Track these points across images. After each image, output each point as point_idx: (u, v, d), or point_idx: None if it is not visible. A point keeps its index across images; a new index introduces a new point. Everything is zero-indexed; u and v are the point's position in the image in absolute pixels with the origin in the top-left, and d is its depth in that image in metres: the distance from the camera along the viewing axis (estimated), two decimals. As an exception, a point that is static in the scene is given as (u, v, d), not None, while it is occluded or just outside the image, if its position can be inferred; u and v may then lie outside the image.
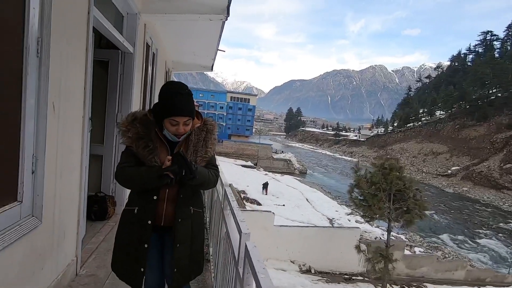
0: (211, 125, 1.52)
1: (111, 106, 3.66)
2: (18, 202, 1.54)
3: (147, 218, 1.42)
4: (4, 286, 1.46)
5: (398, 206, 10.28)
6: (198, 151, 1.46)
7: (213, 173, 1.53)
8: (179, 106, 1.35)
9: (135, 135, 1.39)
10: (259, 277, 0.85)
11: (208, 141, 1.48)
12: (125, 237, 1.48)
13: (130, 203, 1.50)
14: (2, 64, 1.37)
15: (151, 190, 1.42)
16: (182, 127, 1.38)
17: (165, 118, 1.37)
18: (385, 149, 70.07)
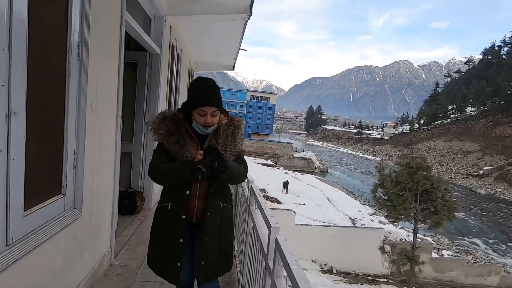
0: (238, 121, 1.56)
1: (140, 106, 3.83)
2: (62, 195, 1.67)
3: (181, 213, 1.45)
4: (52, 273, 1.59)
5: (425, 206, 9.89)
6: (227, 145, 1.49)
7: (243, 167, 1.55)
8: (207, 96, 1.40)
9: (166, 132, 1.44)
10: (292, 268, 0.87)
11: (236, 136, 1.52)
12: (160, 233, 1.51)
13: (163, 199, 1.54)
14: (51, 68, 1.49)
15: (183, 185, 1.45)
16: (210, 118, 1.41)
17: (194, 110, 1.42)
18: (411, 147, 67.38)
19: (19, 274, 1.31)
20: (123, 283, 2.26)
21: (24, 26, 1.22)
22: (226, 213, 1.58)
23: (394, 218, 10.53)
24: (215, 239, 1.51)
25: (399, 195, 10.00)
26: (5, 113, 1.15)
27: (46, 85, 1.46)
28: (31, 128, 1.31)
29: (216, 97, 1.43)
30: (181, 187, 1.46)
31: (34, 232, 1.40)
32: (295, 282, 0.82)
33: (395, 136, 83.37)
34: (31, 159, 1.33)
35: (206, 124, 1.42)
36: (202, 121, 1.42)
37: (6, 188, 1.18)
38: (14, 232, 1.25)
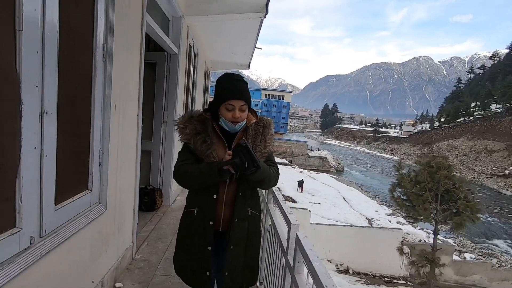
0: (268, 121, 1.48)
1: (158, 105, 3.92)
2: (89, 191, 1.75)
3: (208, 218, 1.37)
4: (80, 265, 1.67)
5: (446, 207, 9.56)
6: (257, 146, 1.40)
7: (274, 170, 1.45)
8: (235, 89, 1.34)
9: (192, 131, 1.37)
10: (313, 264, 0.88)
11: (266, 136, 1.44)
12: (188, 240, 1.43)
13: (189, 204, 1.46)
14: (79, 69, 1.57)
15: (210, 189, 1.37)
16: (238, 112, 1.33)
17: (222, 105, 1.35)
18: (431, 146, 65.21)
19: (52, 265, 1.38)
20: (144, 276, 2.33)
21: (55, 30, 1.29)
22: (254, 221, 1.48)
23: (413, 219, 10.25)
24: (241, 249, 1.41)
25: (418, 195, 9.72)
26: (39, 112, 1.22)
27: (74, 86, 1.53)
28: (61, 127, 1.38)
29: (244, 91, 1.36)
30: (208, 190, 1.37)
31: (64, 225, 1.48)
32: (317, 279, 0.83)
33: (414, 135, 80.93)
34: (61, 156, 1.40)
35: (234, 120, 1.34)
36: (230, 116, 1.34)
37: (40, 183, 1.25)
38: (47, 225, 1.32)
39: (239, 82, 1.36)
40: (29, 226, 1.20)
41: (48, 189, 1.31)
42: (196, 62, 5.40)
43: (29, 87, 1.14)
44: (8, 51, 1.06)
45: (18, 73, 1.09)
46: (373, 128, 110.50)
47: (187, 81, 4.70)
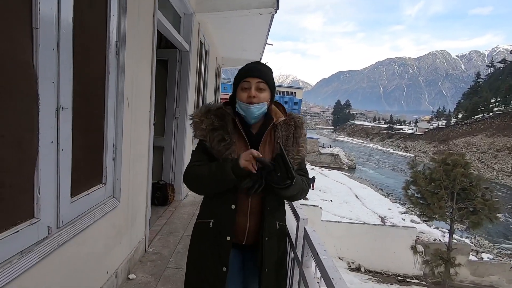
0: (299, 119, 1.27)
1: (170, 102, 3.98)
2: (103, 184, 1.80)
3: (225, 233, 1.15)
4: (95, 256, 1.73)
5: (463, 206, 9.30)
6: (289, 151, 1.18)
7: (306, 182, 1.23)
8: (251, 68, 1.18)
9: (209, 127, 1.17)
10: (321, 258, 0.88)
11: (298, 138, 1.22)
12: (199, 257, 1.21)
13: (203, 214, 1.25)
14: (92, 66, 1.61)
15: (227, 197, 1.16)
16: (254, 91, 1.13)
17: (238, 87, 1.18)
18: (447, 143, 63.36)
19: (68, 254, 1.44)
20: (156, 269, 2.39)
21: (70, 28, 1.32)
22: (283, 234, 1.29)
23: (428, 217, 10.03)
24: (274, 271, 1.21)
25: (433, 193, 9.49)
26: (55, 107, 1.26)
27: (88, 82, 1.57)
28: (76, 122, 1.42)
29: (263, 70, 1.18)
30: (225, 199, 1.16)
31: (80, 217, 1.53)
32: (324, 272, 0.83)
33: (430, 131, 78.83)
34: (77, 151, 1.45)
35: (249, 101, 1.13)
36: (246, 97, 1.14)
37: (57, 176, 1.30)
38: (63, 216, 1.37)
39: (257, 64, 1.21)
40: (47, 217, 1.26)
41: (64, 182, 1.36)
42: (207, 59, 5.43)
43: (45, 83, 1.18)
44: (26, 48, 1.10)
45: (35, 70, 1.13)
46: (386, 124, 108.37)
47: (198, 77, 4.74)
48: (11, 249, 1.08)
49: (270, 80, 1.19)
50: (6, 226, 1.07)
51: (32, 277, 1.18)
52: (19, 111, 1.08)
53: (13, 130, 1.06)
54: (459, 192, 9.37)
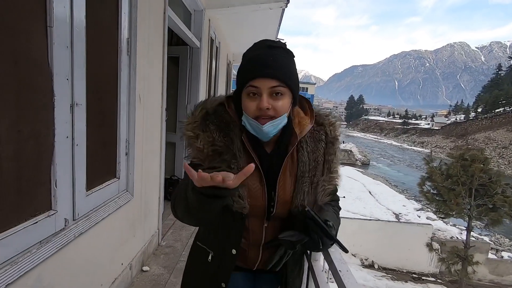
0: (333, 127, 0.88)
1: (182, 98, 4.03)
2: (117, 179, 1.85)
3: (222, 279, 0.88)
4: (110, 247, 1.79)
5: (482, 202, 9.00)
6: (318, 182, 0.85)
7: (337, 211, 0.94)
8: (262, 60, 0.75)
9: (209, 148, 0.80)
10: (329, 251, 0.88)
11: (332, 157, 0.86)
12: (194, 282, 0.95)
13: (202, 236, 0.95)
14: (105, 63, 1.65)
15: (231, 238, 0.86)
16: (266, 100, 0.74)
17: (243, 91, 0.78)
18: (465, 138, 61.32)
19: (85, 245, 1.49)
20: (169, 261, 2.45)
21: (83, 26, 1.36)
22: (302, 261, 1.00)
23: (444, 214, 9.77)
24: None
25: (450, 189, 9.23)
26: (70, 104, 1.30)
27: (101, 79, 1.61)
28: (90, 118, 1.46)
29: (278, 61, 0.76)
30: (227, 237, 0.86)
31: (95, 210, 1.58)
32: (332, 264, 0.83)
33: (447, 126, 76.46)
34: (91, 146, 1.50)
35: (260, 114, 0.75)
36: (255, 109, 0.76)
37: (73, 170, 1.35)
38: (79, 209, 1.42)
39: (270, 49, 0.77)
40: (63, 209, 1.31)
41: (80, 175, 1.41)
42: (218, 55, 5.45)
43: (60, 80, 1.22)
44: (41, 46, 1.13)
45: (50, 67, 1.17)
46: (401, 119, 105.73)
47: (209, 74, 4.77)
48: (30, 239, 1.13)
49: (292, 76, 0.77)
50: (26, 217, 1.12)
51: (50, 266, 1.24)
52: (36, 107, 1.12)
53: (30, 125, 1.10)
54: (477, 188, 9.07)
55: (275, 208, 0.83)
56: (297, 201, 0.82)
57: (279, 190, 0.82)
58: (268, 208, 0.83)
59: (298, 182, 0.83)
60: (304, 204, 0.81)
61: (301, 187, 0.83)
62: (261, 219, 0.85)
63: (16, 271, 1.05)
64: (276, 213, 0.83)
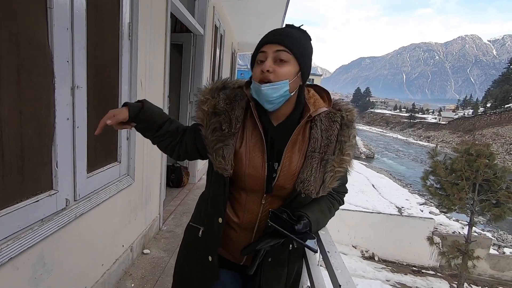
0: (350, 113, 0.88)
1: (185, 86, 4.03)
2: (118, 162, 1.88)
3: (210, 252, 0.90)
4: (111, 229, 1.83)
5: (485, 198, 8.95)
6: (328, 161, 0.83)
7: (337, 203, 0.96)
8: (274, 31, 0.82)
9: (211, 109, 0.87)
10: (319, 233, 0.90)
11: (345, 142, 0.85)
12: (186, 269, 0.97)
13: (195, 216, 1.00)
14: (106, 46, 1.65)
15: (216, 206, 0.89)
16: (270, 63, 0.78)
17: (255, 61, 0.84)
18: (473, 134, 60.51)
19: (86, 225, 1.53)
20: (169, 245, 2.50)
21: (83, 8, 1.36)
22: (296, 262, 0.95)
23: (447, 208, 9.74)
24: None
25: (453, 184, 9.18)
26: (70, 86, 1.32)
27: (102, 62, 1.62)
28: (91, 101, 1.48)
29: (287, 33, 0.80)
30: (213, 205, 0.90)
31: (96, 192, 1.62)
32: (322, 246, 0.85)
33: (455, 121, 75.38)
34: (92, 129, 1.52)
35: (262, 77, 0.79)
36: (259, 73, 0.79)
37: (73, 151, 1.37)
38: (80, 190, 1.46)
39: (287, 27, 0.84)
40: (64, 190, 1.34)
41: (81, 157, 1.43)
42: (223, 43, 5.41)
43: (60, 62, 1.24)
44: (41, 27, 1.14)
45: (51, 49, 1.18)
46: (408, 113, 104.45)
47: (213, 62, 4.75)
48: (32, 216, 1.17)
49: (300, 48, 0.80)
50: (28, 195, 1.15)
51: (52, 244, 1.28)
52: (36, 88, 1.14)
53: (31, 106, 1.12)
54: (481, 183, 9.01)
55: (276, 179, 0.83)
56: (303, 176, 0.82)
57: (284, 161, 0.83)
58: (268, 181, 0.83)
59: (307, 158, 0.83)
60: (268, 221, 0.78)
61: (309, 162, 0.82)
62: (259, 194, 0.85)
63: (19, 246, 1.09)
64: (276, 185, 0.83)
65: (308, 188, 0.81)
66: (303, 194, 0.82)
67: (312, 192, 0.82)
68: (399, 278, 11.33)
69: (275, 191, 0.83)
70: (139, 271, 2.11)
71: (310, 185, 0.81)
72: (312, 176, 0.82)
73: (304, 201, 0.85)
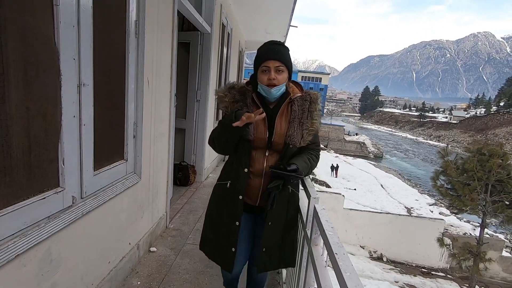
0: (315, 95, 1.38)
1: (192, 84, 4.03)
2: (124, 160, 1.88)
3: (239, 193, 1.32)
4: (118, 226, 1.84)
5: (498, 199, 8.73)
6: (303, 123, 1.32)
7: (314, 157, 1.40)
8: (270, 51, 1.27)
9: (231, 99, 1.34)
10: (327, 234, 0.87)
11: (313, 112, 1.34)
12: (216, 214, 1.41)
13: (222, 176, 1.43)
14: (112, 44, 1.65)
15: (241, 161, 1.33)
16: (273, 74, 1.25)
17: (258, 70, 1.30)
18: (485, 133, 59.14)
19: (93, 223, 1.54)
20: (176, 243, 2.51)
21: (90, 6, 1.36)
22: (295, 200, 1.43)
23: (458, 209, 9.53)
24: (280, 226, 1.36)
25: (465, 184, 8.97)
26: (77, 83, 1.32)
27: (109, 60, 1.62)
28: (97, 99, 1.48)
29: (280, 52, 1.27)
30: (240, 163, 1.33)
31: (103, 189, 1.62)
32: (329, 247, 0.82)
33: (466, 120, 73.79)
34: (98, 126, 1.52)
35: (270, 83, 1.26)
36: (266, 80, 1.27)
37: (80, 149, 1.37)
38: (87, 188, 1.46)
39: (275, 45, 1.29)
40: (71, 187, 1.34)
41: (87, 155, 1.44)
42: (230, 42, 5.39)
43: (67, 60, 1.23)
44: (47, 24, 1.14)
45: (57, 46, 1.18)
46: (418, 112, 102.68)
47: (220, 61, 4.74)
48: (39, 213, 1.17)
49: (288, 61, 1.31)
50: (34, 192, 1.15)
51: (59, 241, 1.29)
52: (42, 85, 1.14)
53: (38, 102, 1.12)
54: (494, 184, 8.78)
55: (273, 138, 1.32)
56: (289, 133, 1.32)
57: (276, 126, 1.32)
58: (269, 140, 1.32)
59: (291, 122, 1.33)
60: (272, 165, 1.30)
61: (292, 125, 1.33)
62: (263, 150, 1.33)
63: (26, 243, 1.10)
64: (274, 141, 1.32)
65: (293, 140, 1.31)
66: (291, 145, 1.32)
67: (296, 143, 1.32)
68: (408, 279, 11.15)
69: (273, 146, 1.33)
70: (146, 269, 2.12)
71: (294, 138, 1.32)
72: (295, 133, 1.32)
73: (292, 151, 1.33)
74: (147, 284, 1.95)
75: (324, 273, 0.90)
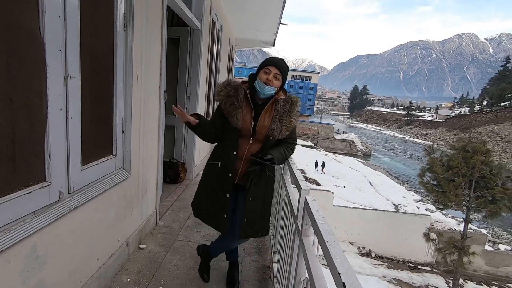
0: (295, 99, 1.70)
1: (182, 81, 3.98)
2: (113, 156, 1.85)
3: (228, 171, 1.65)
4: (107, 223, 1.81)
5: (481, 194, 9.02)
6: (283, 120, 1.64)
7: (289, 149, 1.75)
8: (276, 61, 1.63)
9: (225, 94, 1.64)
10: (318, 223, 0.88)
11: (292, 112, 1.66)
12: (210, 187, 1.73)
13: (213, 158, 1.75)
14: (100, 36, 1.61)
15: (231, 146, 1.66)
16: (272, 77, 1.59)
17: (261, 70, 1.62)
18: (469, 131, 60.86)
19: (80, 219, 1.51)
20: (166, 240, 2.48)
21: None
22: (270, 183, 1.76)
23: (443, 205, 9.80)
24: (259, 202, 1.70)
25: (450, 180, 9.23)
26: (63, 76, 1.28)
27: (96, 53, 1.59)
28: (85, 92, 1.45)
29: (283, 66, 1.62)
30: (230, 147, 1.66)
31: (91, 185, 1.59)
32: (320, 235, 0.83)
33: (451, 119, 75.76)
34: (86, 121, 1.49)
35: (267, 82, 1.59)
36: (265, 79, 1.59)
37: (67, 143, 1.34)
38: (74, 183, 1.43)
39: (281, 60, 1.65)
40: (58, 182, 1.31)
41: (74, 149, 1.40)
42: (220, 39, 5.35)
43: (53, 51, 1.20)
44: (32, 14, 1.11)
45: (42, 36, 1.15)
46: (405, 111, 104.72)
47: (210, 57, 4.70)
48: (24, 208, 1.14)
49: (285, 74, 1.65)
50: (19, 187, 1.12)
51: (45, 237, 1.25)
52: (27, 77, 1.11)
53: (22, 94, 1.09)
54: (477, 180, 9.07)
55: (256, 128, 1.64)
56: (271, 127, 1.64)
57: (260, 119, 1.65)
58: (253, 130, 1.65)
59: (273, 119, 1.66)
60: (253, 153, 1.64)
61: (274, 120, 1.65)
62: (248, 138, 1.66)
63: (10, 238, 1.07)
64: (257, 131, 1.64)
65: (273, 133, 1.65)
66: (271, 137, 1.65)
67: (275, 136, 1.66)
68: (396, 274, 11.41)
69: (256, 135, 1.65)
70: (136, 266, 2.09)
71: (274, 132, 1.64)
72: (275, 127, 1.65)
73: (272, 142, 1.68)
74: (137, 281, 1.93)
75: (315, 262, 0.91)
